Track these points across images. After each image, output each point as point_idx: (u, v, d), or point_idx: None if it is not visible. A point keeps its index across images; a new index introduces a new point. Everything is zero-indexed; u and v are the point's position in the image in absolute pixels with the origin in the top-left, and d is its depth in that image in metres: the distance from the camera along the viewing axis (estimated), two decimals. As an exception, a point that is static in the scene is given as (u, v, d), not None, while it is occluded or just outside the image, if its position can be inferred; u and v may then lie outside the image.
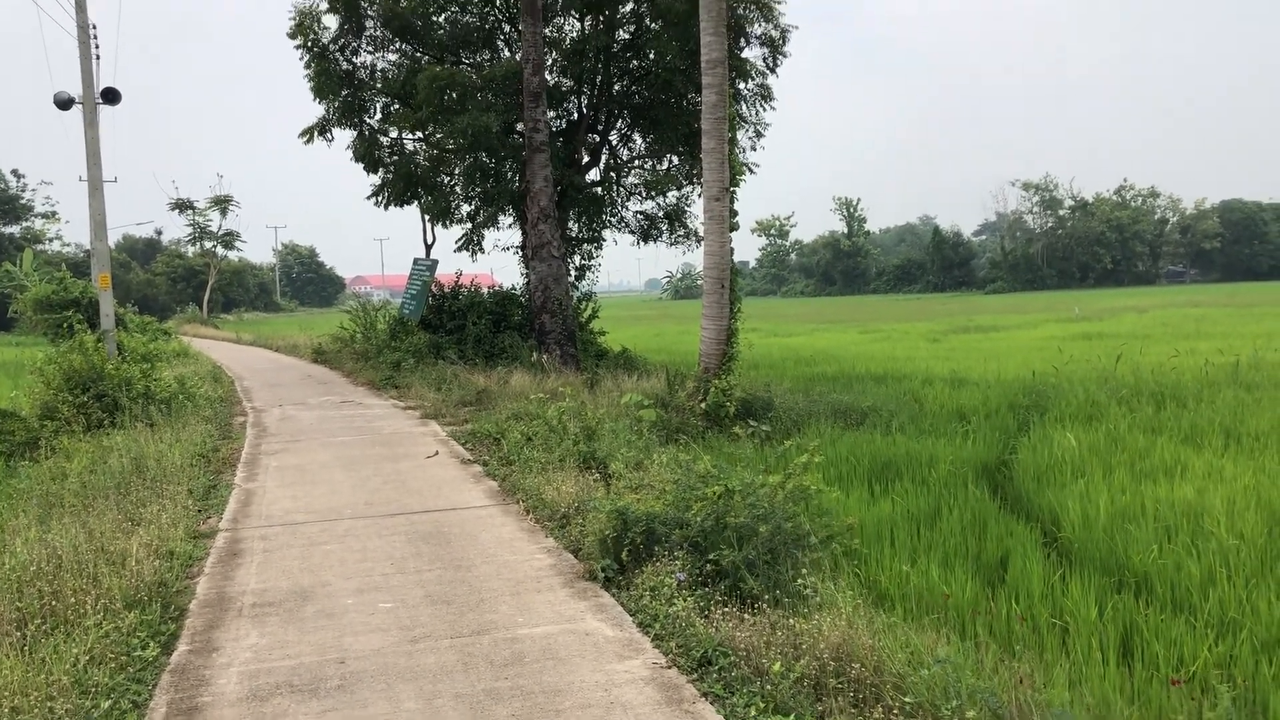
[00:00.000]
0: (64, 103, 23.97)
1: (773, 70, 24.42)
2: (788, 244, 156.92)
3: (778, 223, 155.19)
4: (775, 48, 24.02)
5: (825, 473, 10.57)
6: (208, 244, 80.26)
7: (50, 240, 79.59)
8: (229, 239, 79.56)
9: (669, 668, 5.30)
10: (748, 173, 22.10)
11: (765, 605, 5.83)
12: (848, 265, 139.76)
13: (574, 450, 10.56)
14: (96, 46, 21.80)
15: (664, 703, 4.88)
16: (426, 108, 22.75)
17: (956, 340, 34.62)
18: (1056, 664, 6.06)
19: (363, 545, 7.95)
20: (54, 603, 5.97)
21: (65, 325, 23.69)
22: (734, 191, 16.60)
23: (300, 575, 7.16)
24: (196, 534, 8.40)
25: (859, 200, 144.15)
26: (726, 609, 5.82)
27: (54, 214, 79.63)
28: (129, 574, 6.55)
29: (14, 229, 77.80)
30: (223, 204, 76.05)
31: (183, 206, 75.94)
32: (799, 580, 6.16)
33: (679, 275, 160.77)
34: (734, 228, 16.58)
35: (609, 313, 29.10)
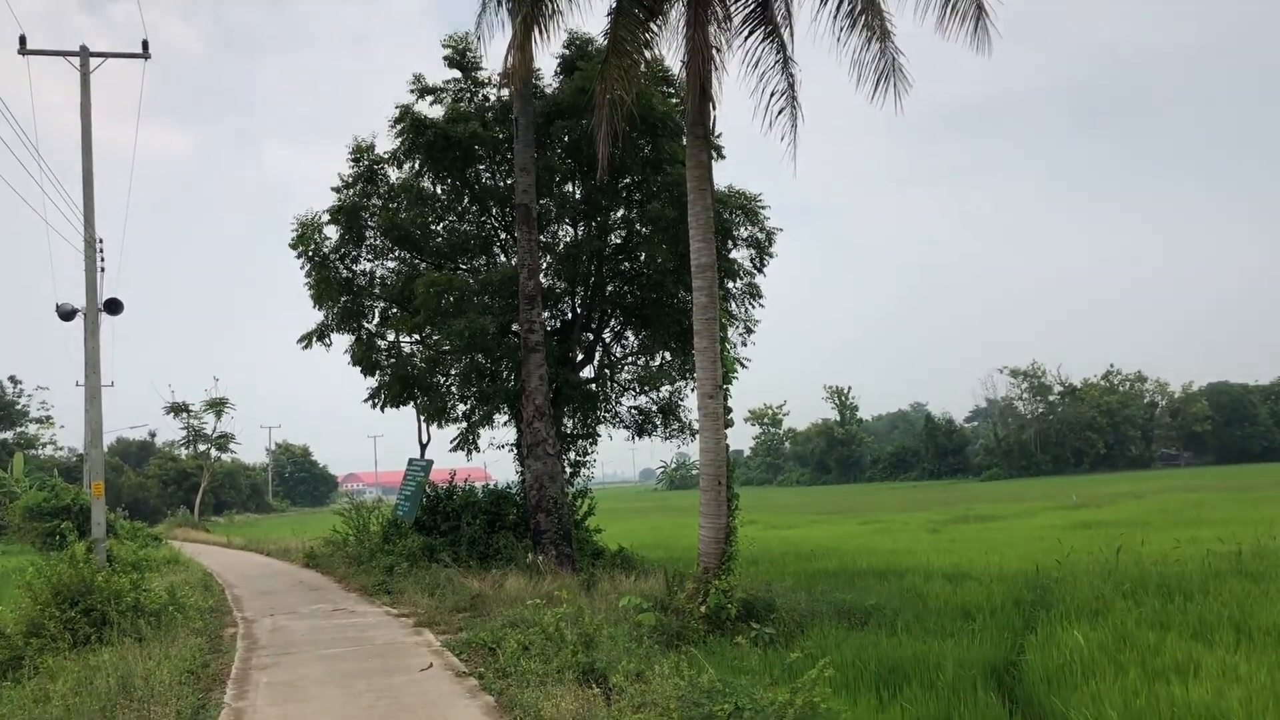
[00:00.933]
0: (67, 314, 24.45)
1: (760, 270, 25.20)
2: (781, 432, 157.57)
3: (770, 411, 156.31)
4: (762, 249, 24.84)
5: (832, 679, 10.31)
6: (202, 446, 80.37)
7: (44, 445, 79.79)
8: (223, 441, 79.71)
9: None
10: (740, 368, 22.49)
11: (777, 834, 5.59)
12: (842, 453, 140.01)
13: (572, 661, 10.30)
14: (102, 259, 22.46)
15: None
16: (424, 312, 23.27)
17: (956, 530, 34.40)
18: None
19: (356, 771, 7.66)
20: (32, 846, 5.70)
21: (56, 534, 23.44)
22: (727, 389, 16.83)
23: (290, 806, 6.87)
24: (183, 761, 8.09)
25: (850, 389, 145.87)
26: (737, 840, 5.58)
27: (49, 419, 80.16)
28: (112, 811, 6.27)
29: (7, 434, 78.05)
30: (218, 406, 76.57)
31: (178, 410, 76.46)
32: (811, 805, 5.94)
33: (673, 465, 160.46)
34: (729, 424, 16.74)
35: (604, 505, 28.93)
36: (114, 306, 22.41)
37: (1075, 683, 10.37)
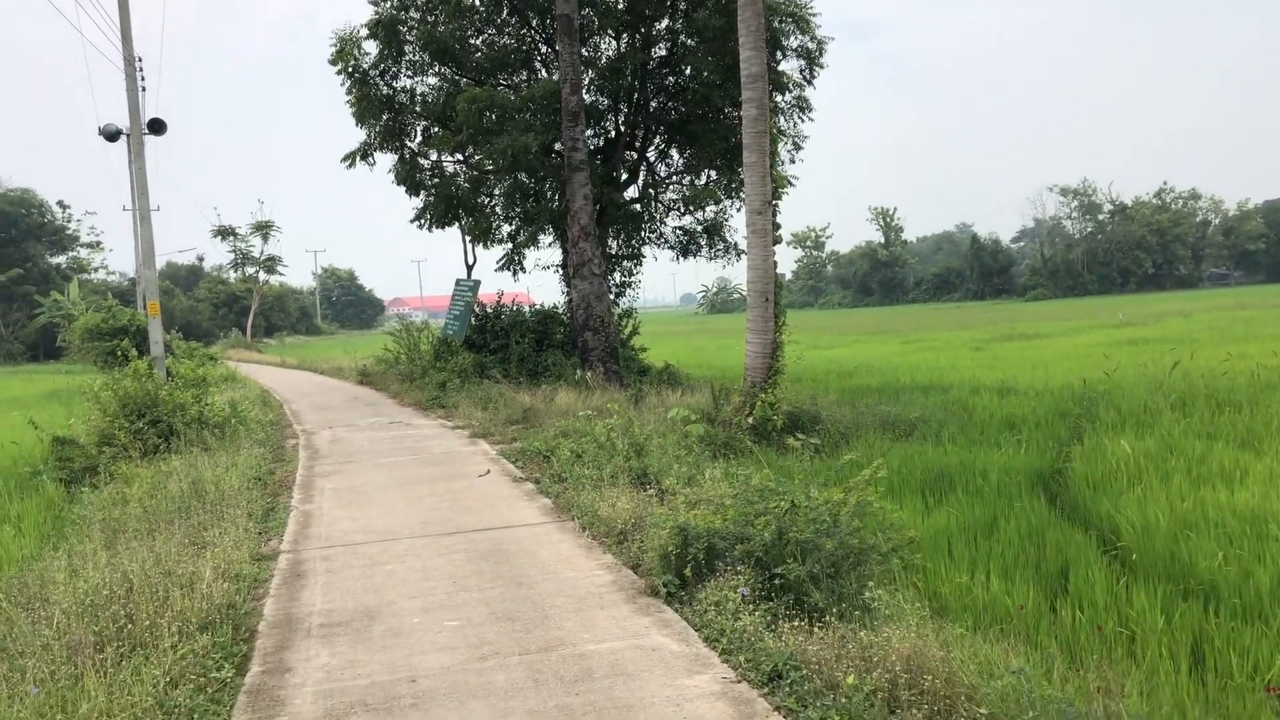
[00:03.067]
0: (111, 135, 24.40)
1: (810, 82, 24.48)
2: (824, 255, 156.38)
3: (814, 234, 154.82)
4: (812, 59, 24.04)
5: (880, 481, 10.54)
6: (250, 269, 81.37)
7: (95, 270, 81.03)
8: (271, 264, 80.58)
9: (739, 682, 5.30)
10: (788, 185, 22.12)
11: (831, 618, 5.82)
12: (885, 275, 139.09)
13: (625, 466, 10.60)
14: (142, 79, 22.27)
15: (737, 717, 4.88)
16: (466, 130, 22.98)
17: (1000, 349, 34.33)
18: (1128, 674, 6.01)
19: (423, 564, 8.03)
20: (129, 625, 6.07)
21: (117, 353, 24.09)
22: (776, 205, 16.59)
23: (364, 595, 7.24)
24: (259, 556, 8.51)
25: (895, 209, 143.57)
26: (794, 623, 5.81)
27: (99, 243, 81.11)
28: (199, 596, 6.64)
29: (61, 259, 79.35)
30: (264, 229, 77.10)
31: (225, 233, 77.09)
32: (865, 593, 6.15)
33: (714, 289, 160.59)
34: (777, 241, 16.58)
35: (647, 328, 29.17)
36: (157, 126, 22.40)
37: (1121, 488, 10.51)
